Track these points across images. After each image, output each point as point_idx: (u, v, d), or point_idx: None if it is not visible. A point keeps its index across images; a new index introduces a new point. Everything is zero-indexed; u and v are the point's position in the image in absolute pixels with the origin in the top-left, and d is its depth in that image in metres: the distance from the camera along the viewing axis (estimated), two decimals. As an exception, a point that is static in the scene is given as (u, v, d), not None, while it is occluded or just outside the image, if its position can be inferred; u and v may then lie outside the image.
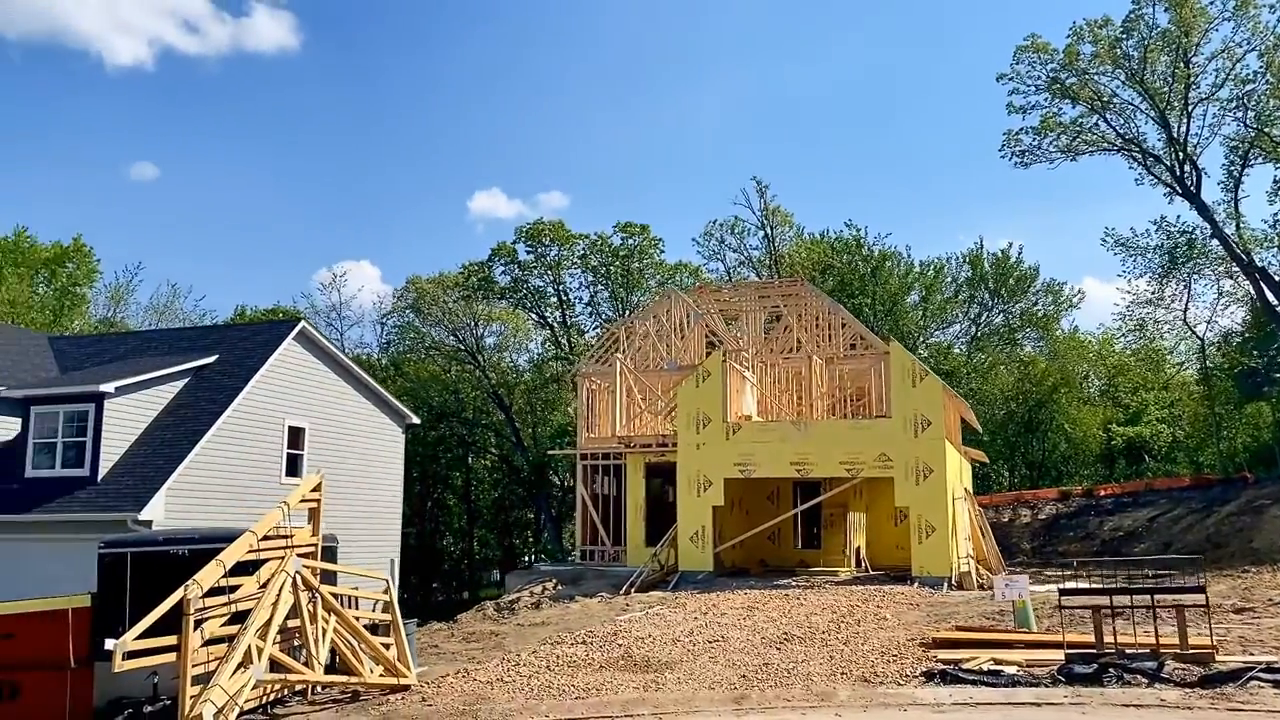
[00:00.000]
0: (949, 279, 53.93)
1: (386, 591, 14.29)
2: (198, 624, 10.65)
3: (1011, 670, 11.79)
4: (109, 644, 9.90)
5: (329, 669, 12.52)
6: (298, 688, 12.60)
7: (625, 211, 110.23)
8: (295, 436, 26.10)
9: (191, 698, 10.17)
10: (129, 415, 23.45)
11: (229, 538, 11.85)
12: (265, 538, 12.08)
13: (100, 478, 22.60)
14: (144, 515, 21.25)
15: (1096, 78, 38.50)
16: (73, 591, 13.31)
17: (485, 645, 17.17)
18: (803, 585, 21.80)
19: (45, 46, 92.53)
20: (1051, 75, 38.93)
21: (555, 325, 55.25)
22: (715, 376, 24.25)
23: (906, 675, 12.08)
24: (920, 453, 22.41)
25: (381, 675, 13.10)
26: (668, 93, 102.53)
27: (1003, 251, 53.78)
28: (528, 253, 53.41)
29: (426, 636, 19.06)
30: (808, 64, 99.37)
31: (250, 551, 11.71)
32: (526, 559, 55.65)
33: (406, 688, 13.09)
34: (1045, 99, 39.47)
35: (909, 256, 52.84)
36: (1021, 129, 40.18)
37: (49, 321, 47.21)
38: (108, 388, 22.66)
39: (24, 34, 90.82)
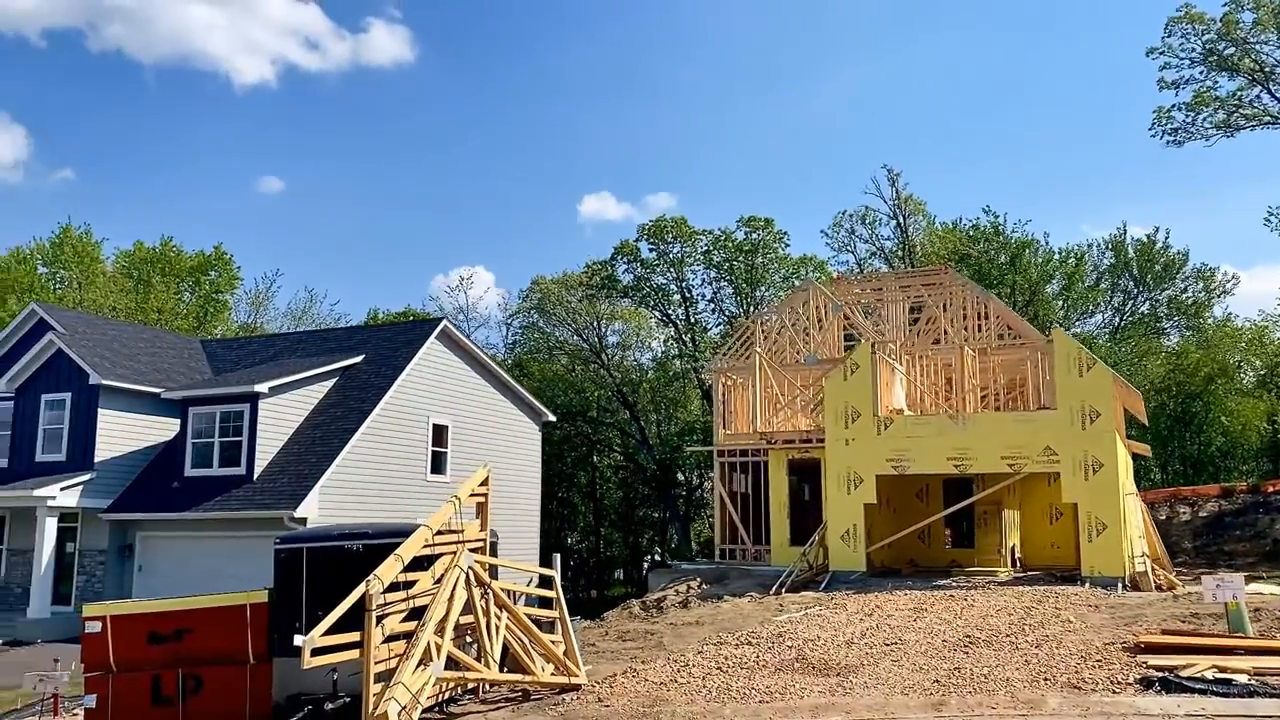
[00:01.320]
0: (1090, 267, 51.53)
1: (552, 587, 14.00)
2: (379, 620, 10.46)
3: (1242, 679, 10.73)
4: (298, 640, 9.76)
5: (499, 666, 12.27)
6: (469, 685, 12.39)
7: (735, 210, 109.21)
8: (439, 434, 26.28)
9: (375, 695, 9.97)
10: (282, 415, 23.91)
11: (403, 533, 11.68)
12: (437, 533, 11.89)
13: (255, 476, 23.08)
14: (299, 512, 21.58)
15: (1258, 46, 36.12)
16: (236, 586, 13.39)
17: (644, 644, 16.74)
18: (965, 586, 20.79)
19: (177, 69, 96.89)
20: (1207, 46, 36.68)
21: (679, 323, 54.79)
22: (864, 369, 23.35)
23: (1118, 682, 11.13)
24: (1089, 446, 21.11)
25: (553, 674, 12.79)
26: (776, 90, 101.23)
27: (1148, 237, 51.21)
28: (650, 250, 53.09)
29: (580, 634, 18.78)
30: (925, 45, 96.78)
31: (425, 546, 11.52)
32: (652, 557, 55.41)
33: (577, 687, 12.73)
34: (1200, 72, 37.25)
35: (1047, 244, 50.70)
36: (1174, 105, 38.08)
37: (193, 327, 49.06)
38: (262, 388, 23.14)
39: (159, 58, 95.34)
